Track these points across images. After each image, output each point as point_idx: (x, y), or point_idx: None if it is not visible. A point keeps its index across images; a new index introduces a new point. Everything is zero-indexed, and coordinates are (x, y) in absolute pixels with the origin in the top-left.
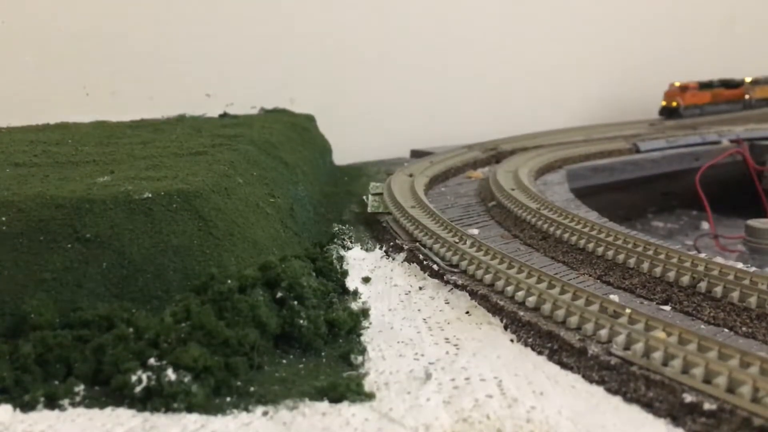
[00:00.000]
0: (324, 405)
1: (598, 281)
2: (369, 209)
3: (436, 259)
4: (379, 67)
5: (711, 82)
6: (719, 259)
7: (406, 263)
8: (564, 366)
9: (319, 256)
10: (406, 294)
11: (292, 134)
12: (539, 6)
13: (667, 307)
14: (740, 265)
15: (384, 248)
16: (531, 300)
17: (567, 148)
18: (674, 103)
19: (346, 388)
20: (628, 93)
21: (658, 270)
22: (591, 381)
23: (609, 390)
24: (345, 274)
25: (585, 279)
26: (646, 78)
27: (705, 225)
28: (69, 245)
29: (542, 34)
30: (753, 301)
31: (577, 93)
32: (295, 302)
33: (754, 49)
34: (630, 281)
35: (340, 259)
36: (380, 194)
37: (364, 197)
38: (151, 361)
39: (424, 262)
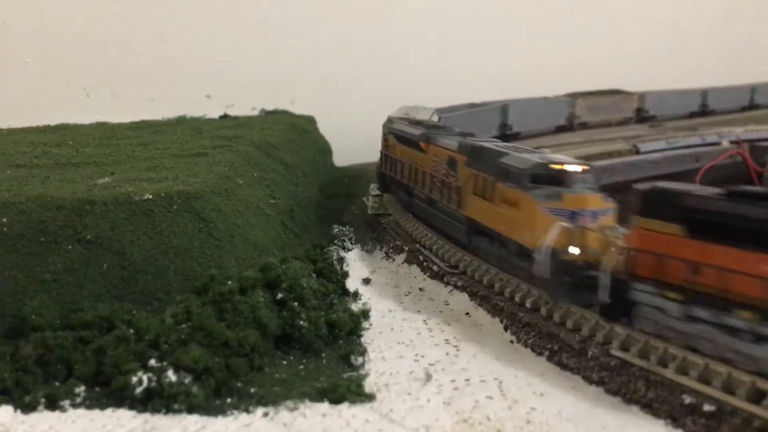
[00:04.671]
0: (324, 406)
1: None
2: (369, 211)
3: (437, 260)
4: (379, 68)
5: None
6: None
7: (406, 264)
8: (564, 367)
9: (319, 257)
10: (406, 295)
11: (292, 135)
12: (537, 15)
13: None
14: None
15: (384, 249)
16: (530, 301)
17: (567, 149)
18: None
19: (346, 389)
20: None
21: None
22: (591, 382)
23: (609, 391)
24: (345, 275)
25: None
26: (644, 81)
27: None
28: (70, 246)
29: (541, 39)
30: None
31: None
32: (296, 303)
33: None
34: None
35: (341, 260)
36: (380, 195)
37: (365, 199)
38: (152, 362)
39: (425, 264)
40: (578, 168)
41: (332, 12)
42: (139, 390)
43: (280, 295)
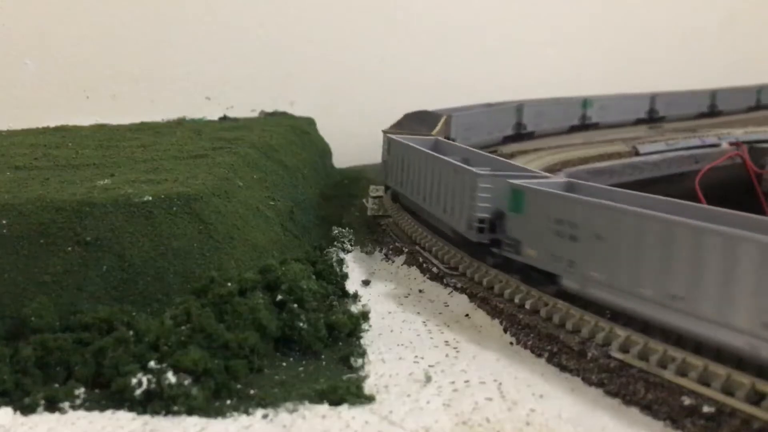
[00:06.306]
0: (324, 408)
1: None
2: (369, 212)
3: (436, 262)
4: (379, 70)
5: None
6: None
7: (405, 266)
8: (564, 368)
9: (319, 259)
10: (406, 297)
11: (292, 137)
12: (536, 17)
13: None
14: None
15: (384, 251)
16: (530, 302)
17: (566, 151)
18: None
19: (346, 391)
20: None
21: None
22: (590, 383)
23: (608, 392)
24: (345, 276)
25: None
26: (641, 81)
27: None
28: (69, 248)
29: (540, 40)
30: None
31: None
32: (295, 305)
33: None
34: None
35: (340, 261)
36: (380, 197)
37: (364, 200)
38: (152, 363)
39: (424, 265)
40: None
41: (332, 13)
42: (138, 392)
43: (279, 297)
